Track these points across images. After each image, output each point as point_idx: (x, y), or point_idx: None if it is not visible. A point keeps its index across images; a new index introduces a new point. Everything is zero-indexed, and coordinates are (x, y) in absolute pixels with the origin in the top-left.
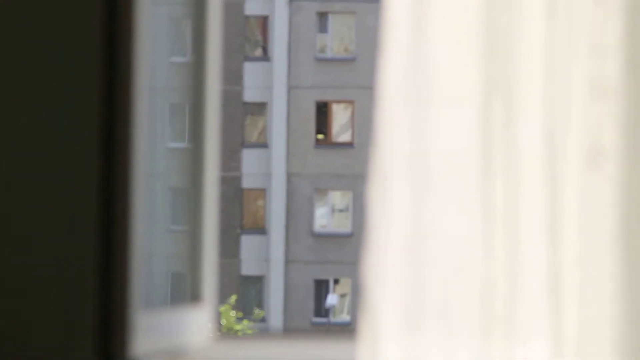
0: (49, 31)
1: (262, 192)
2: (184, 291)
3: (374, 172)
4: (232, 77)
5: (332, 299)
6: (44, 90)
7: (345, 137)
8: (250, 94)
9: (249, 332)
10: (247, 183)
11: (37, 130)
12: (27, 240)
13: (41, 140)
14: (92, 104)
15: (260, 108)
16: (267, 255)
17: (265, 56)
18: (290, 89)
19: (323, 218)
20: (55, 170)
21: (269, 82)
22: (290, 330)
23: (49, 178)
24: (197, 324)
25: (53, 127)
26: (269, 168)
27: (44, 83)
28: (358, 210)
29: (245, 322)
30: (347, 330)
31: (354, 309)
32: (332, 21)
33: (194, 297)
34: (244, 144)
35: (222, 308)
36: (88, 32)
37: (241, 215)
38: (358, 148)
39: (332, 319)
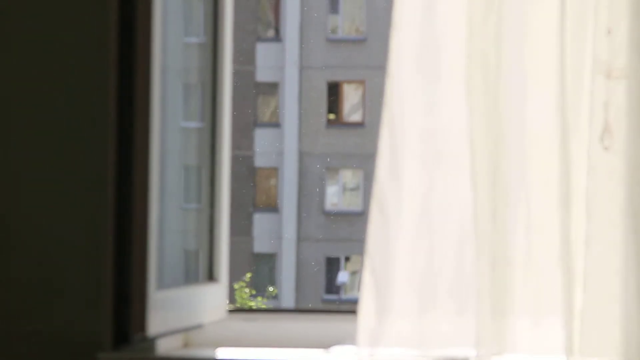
0: (66, 13)
1: (275, 171)
2: (199, 269)
3: (383, 149)
4: (245, 58)
5: (343, 276)
6: (61, 70)
7: (356, 117)
8: (262, 74)
9: (264, 307)
10: (259, 162)
11: (55, 110)
12: (47, 218)
13: (59, 119)
14: (108, 84)
15: (272, 88)
16: (279, 233)
17: (278, 37)
18: (302, 69)
19: (334, 196)
20: (72, 150)
21: (281, 62)
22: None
23: (67, 157)
24: (212, 301)
25: (70, 107)
26: (281, 147)
27: (62, 64)
28: (369, 189)
29: (258, 299)
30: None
31: None
32: (343, 2)
33: (209, 275)
34: (257, 124)
35: (236, 285)
36: (105, 14)
37: (254, 193)
38: (369, 127)
39: (343, 295)
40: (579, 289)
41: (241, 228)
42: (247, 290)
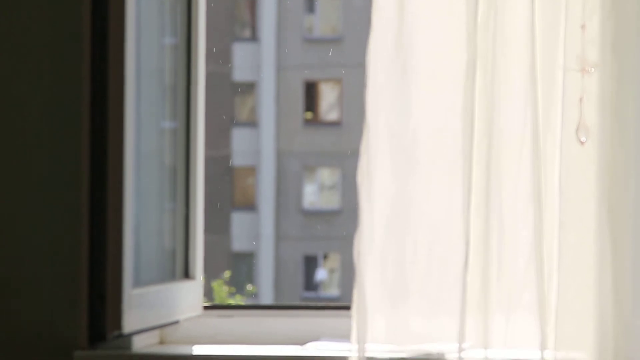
0: (39, 13)
1: (252, 170)
2: (175, 267)
3: (363, 150)
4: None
5: (321, 274)
6: (34, 71)
7: (333, 116)
8: (239, 74)
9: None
10: (237, 161)
11: (28, 108)
12: (21, 217)
13: (33, 118)
14: (81, 84)
15: (249, 88)
16: (257, 231)
17: (254, 37)
18: (279, 68)
19: (312, 195)
20: (47, 152)
21: (258, 62)
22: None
23: (41, 156)
24: (187, 298)
25: (45, 109)
26: (258, 146)
27: (34, 64)
28: (346, 187)
29: (237, 297)
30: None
31: (343, 283)
32: (320, 1)
33: (185, 273)
34: (234, 123)
35: (215, 284)
36: (77, 14)
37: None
38: (346, 126)
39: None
40: (553, 285)
41: (219, 227)
42: (226, 288)
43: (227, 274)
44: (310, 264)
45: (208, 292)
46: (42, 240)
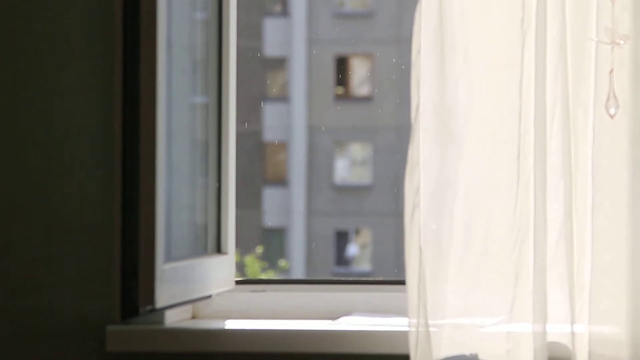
0: None
1: (284, 145)
2: (207, 242)
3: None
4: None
5: (352, 249)
6: (67, 46)
7: (364, 91)
8: (270, 49)
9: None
10: (268, 136)
11: (61, 90)
12: (54, 193)
13: (66, 101)
14: (113, 59)
15: (280, 63)
16: (289, 207)
17: (285, 12)
18: (310, 43)
19: (343, 170)
20: (79, 128)
21: (289, 37)
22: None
23: (73, 132)
24: (219, 273)
25: (76, 84)
26: (289, 121)
27: (67, 39)
28: (377, 162)
29: (270, 272)
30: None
31: (374, 258)
32: None
33: (217, 248)
34: (265, 98)
35: (248, 259)
36: None
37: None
38: (377, 101)
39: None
40: (586, 258)
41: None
42: (258, 263)
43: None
44: (342, 239)
45: (241, 267)
46: (74, 215)
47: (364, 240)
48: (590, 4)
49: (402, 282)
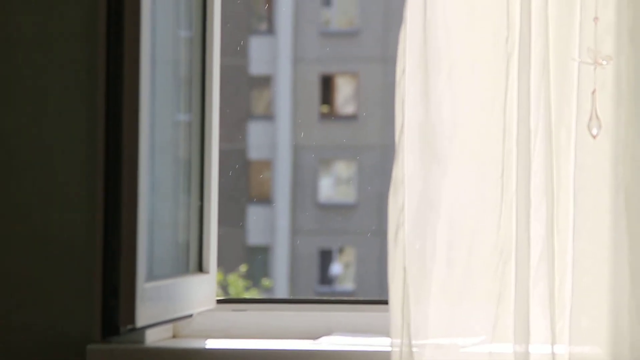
0: (54, 8)
1: (268, 164)
2: (189, 261)
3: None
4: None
5: (336, 268)
6: (50, 64)
7: (349, 109)
8: (255, 67)
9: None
10: (253, 155)
11: (44, 99)
12: (36, 211)
13: (49, 115)
14: (96, 76)
15: (265, 81)
16: (273, 225)
17: (271, 30)
18: (295, 62)
19: (327, 189)
20: (61, 143)
21: (274, 55)
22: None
23: (54, 150)
24: (201, 292)
25: (59, 99)
26: (274, 140)
27: (50, 57)
28: (362, 181)
29: (253, 291)
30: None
31: (358, 277)
32: None
33: (198, 266)
34: (250, 116)
35: (231, 277)
36: (94, 6)
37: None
38: (362, 120)
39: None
40: (567, 278)
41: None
42: (242, 282)
43: (243, 267)
44: (326, 257)
45: (224, 286)
46: (56, 232)
47: (347, 259)
48: (573, 24)
49: (383, 302)
